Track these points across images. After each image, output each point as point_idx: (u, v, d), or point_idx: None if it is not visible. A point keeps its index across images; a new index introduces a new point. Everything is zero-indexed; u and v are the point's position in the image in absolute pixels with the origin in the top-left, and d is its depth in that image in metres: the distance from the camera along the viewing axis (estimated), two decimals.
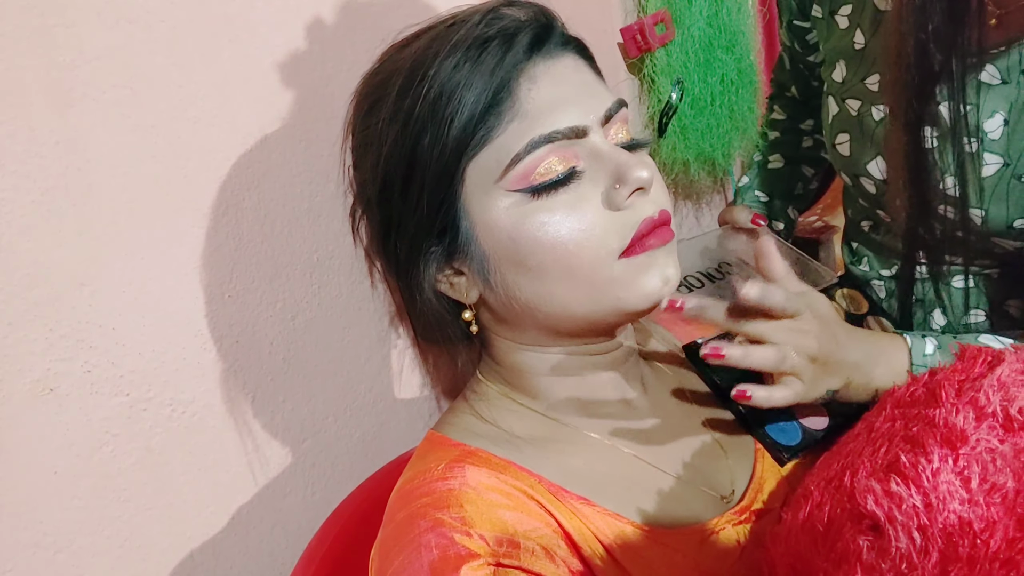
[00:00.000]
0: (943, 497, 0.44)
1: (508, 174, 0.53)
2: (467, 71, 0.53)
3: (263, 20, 0.71)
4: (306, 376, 0.78)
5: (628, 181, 0.53)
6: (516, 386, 0.62)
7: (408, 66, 0.56)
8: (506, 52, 0.53)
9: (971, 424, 0.47)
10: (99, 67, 0.61)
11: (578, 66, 0.58)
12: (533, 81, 0.54)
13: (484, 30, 0.54)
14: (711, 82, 1.16)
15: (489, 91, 0.53)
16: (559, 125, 0.53)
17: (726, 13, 1.15)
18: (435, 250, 0.57)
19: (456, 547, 0.49)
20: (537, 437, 0.59)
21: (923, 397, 0.53)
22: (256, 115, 0.71)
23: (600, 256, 0.54)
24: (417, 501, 0.53)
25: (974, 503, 0.43)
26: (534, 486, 0.55)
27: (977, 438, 0.46)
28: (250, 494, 0.74)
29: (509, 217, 0.54)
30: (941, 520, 0.43)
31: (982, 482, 0.44)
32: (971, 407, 0.48)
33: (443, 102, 0.53)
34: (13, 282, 0.58)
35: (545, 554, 0.51)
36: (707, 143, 1.19)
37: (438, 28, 0.57)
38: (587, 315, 0.56)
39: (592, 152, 0.55)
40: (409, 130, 0.54)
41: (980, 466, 0.45)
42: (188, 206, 0.67)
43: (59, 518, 0.61)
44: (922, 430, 0.48)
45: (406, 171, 0.55)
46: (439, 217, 0.56)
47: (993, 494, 0.43)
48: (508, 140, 0.53)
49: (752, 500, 0.60)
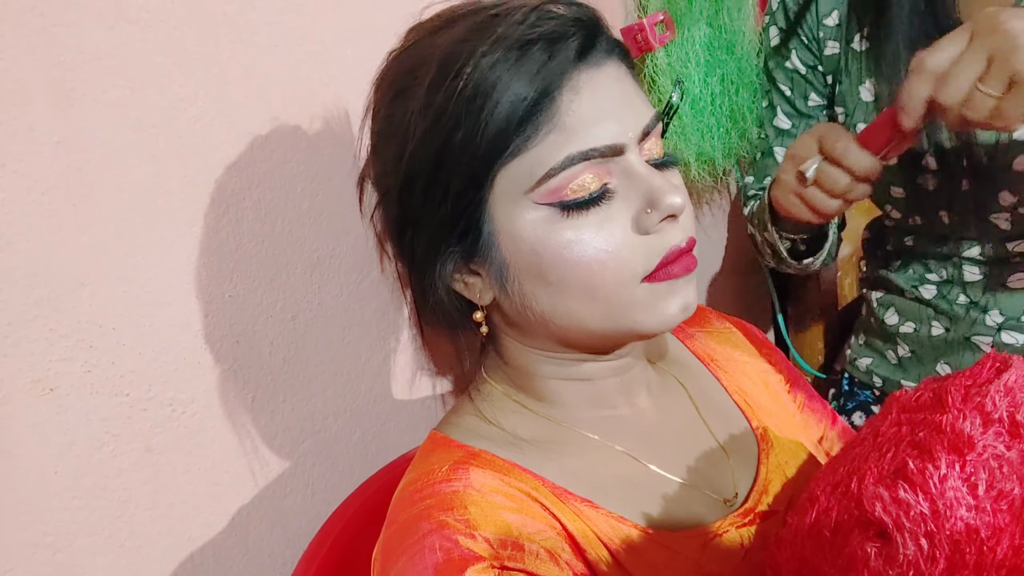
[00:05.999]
0: (950, 504, 0.43)
1: (540, 187, 0.51)
2: (507, 73, 0.50)
3: (263, 20, 0.71)
4: (306, 376, 0.78)
5: (660, 207, 0.52)
6: (522, 387, 0.62)
7: (442, 56, 0.52)
8: (550, 58, 0.50)
9: (978, 430, 0.47)
10: (99, 67, 0.61)
11: (620, 75, 0.55)
12: (576, 92, 0.51)
13: (529, 30, 0.50)
14: (711, 83, 1.16)
15: (529, 98, 0.50)
16: (598, 142, 0.51)
17: (726, 13, 1.15)
18: (453, 250, 0.56)
19: (460, 549, 0.49)
20: (541, 439, 0.59)
21: (929, 402, 0.52)
22: (256, 115, 0.71)
23: (623, 279, 0.53)
24: (421, 503, 0.53)
25: (981, 510, 0.43)
26: (538, 488, 0.55)
27: (984, 444, 0.46)
28: (250, 494, 0.74)
29: (535, 230, 0.52)
30: (948, 527, 0.43)
31: (989, 489, 0.44)
32: (978, 413, 0.48)
33: (478, 103, 0.50)
34: (13, 282, 0.58)
35: (549, 557, 0.51)
36: (707, 143, 1.19)
37: (478, 17, 0.53)
38: (601, 332, 0.55)
39: (626, 171, 0.53)
40: (439, 128, 0.51)
41: (987, 473, 0.45)
42: (188, 206, 0.67)
43: (59, 518, 0.61)
44: (929, 436, 0.48)
45: (432, 170, 0.53)
46: (462, 220, 0.54)
47: (1000, 501, 0.43)
48: (543, 152, 0.51)
49: (756, 503, 0.60)
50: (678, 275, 0.54)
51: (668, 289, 0.54)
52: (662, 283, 0.54)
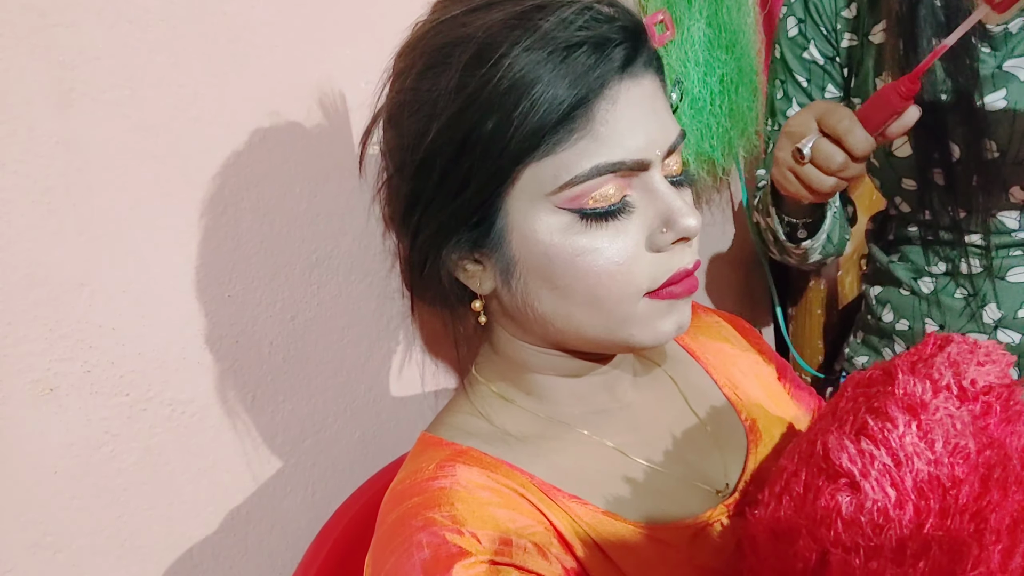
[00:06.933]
0: (910, 456, 0.46)
1: (562, 192, 0.51)
2: (548, 74, 0.49)
3: (263, 20, 0.71)
4: (306, 376, 0.78)
5: (676, 229, 0.52)
6: (512, 380, 0.62)
7: (481, 39, 0.50)
8: (595, 65, 0.50)
9: (928, 394, 0.50)
10: (99, 67, 0.61)
11: (655, 89, 0.55)
12: (613, 102, 0.51)
13: (576, 33, 0.50)
14: (711, 82, 1.16)
15: (567, 103, 0.49)
16: (627, 156, 0.51)
17: (726, 13, 1.15)
18: (461, 238, 0.55)
19: (448, 546, 0.49)
20: (530, 435, 0.59)
21: (880, 378, 0.55)
22: (256, 115, 0.71)
23: (628, 293, 0.53)
24: (408, 501, 0.53)
25: (939, 463, 0.46)
26: (525, 485, 0.55)
27: (936, 405, 0.49)
28: (250, 494, 0.74)
29: (550, 234, 0.52)
30: (911, 476, 0.46)
31: (945, 444, 0.47)
32: (928, 380, 0.51)
33: (513, 98, 0.49)
34: (13, 282, 0.58)
35: (537, 551, 0.51)
36: (707, 143, 1.19)
37: (520, 5, 0.51)
38: (597, 340, 0.56)
39: (647, 186, 0.53)
40: (469, 114, 0.50)
41: (942, 430, 0.48)
42: (188, 206, 0.67)
43: (59, 518, 0.61)
44: (884, 402, 0.51)
45: (454, 155, 0.52)
46: (478, 211, 0.53)
47: (956, 455, 0.46)
48: (572, 158, 0.50)
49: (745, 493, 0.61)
50: (679, 296, 0.55)
51: (668, 308, 0.55)
52: (663, 301, 0.54)
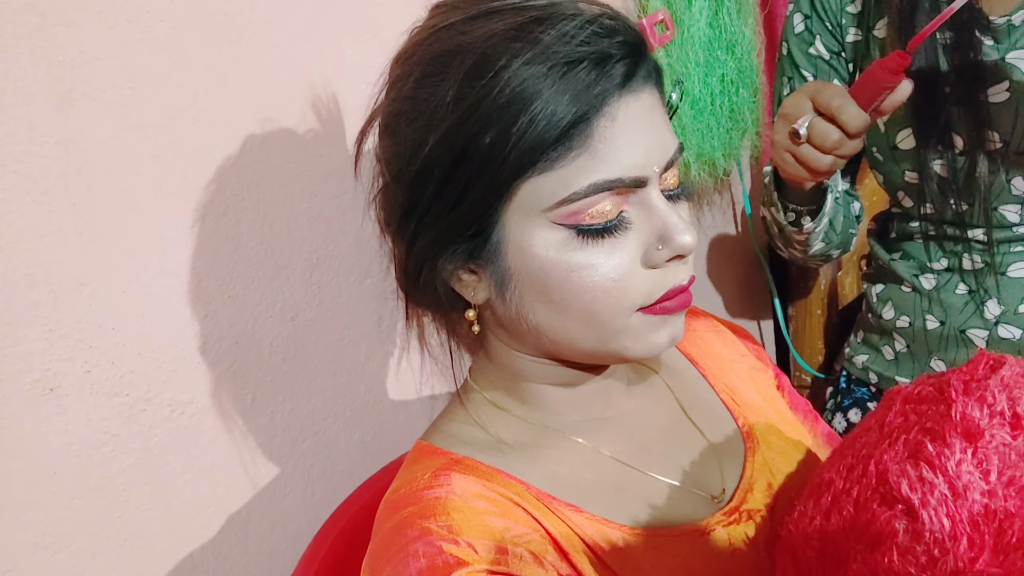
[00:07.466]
0: (967, 486, 0.45)
1: (559, 208, 0.51)
2: (548, 89, 0.49)
3: (263, 20, 0.71)
4: (306, 376, 0.78)
5: (672, 246, 0.52)
6: (506, 389, 0.62)
7: (480, 49, 0.50)
8: (595, 81, 0.50)
9: (985, 420, 0.48)
10: (99, 67, 0.61)
11: (654, 103, 0.55)
12: (612, 119, 0.51)
13: (577, 48, 0.49)
14: (711, 82, 1.16)
15: (567, 120, 0.49)
16: (625, 174, 0.51)
17: (726, 13, 1.15)
18: (456, 249, 0.55)
19: (444, 556, 0.49)
20: (525, 443, 0.59)
21: (932, 395, 0.54)
22: (256, 115, 0.71)
23: (622, 308, 0.53)
24: (404, 510, 0.53)
25: (994, 495, 0.45)
26: (521, 494, 0.55)
27: (991, 433, 0.48)
28: (250, 494, 0.74)
29: (546, 249, 0.52)
30: (967, 508, 0.44)
31: (1000, 475, 0.45)
32: (982, 404, 0.50)
33: (512, 113, 0.49)
34: (13, 282, 0.58)
35: (533, 559, 0.51)
36: (707, 143, 1.19)
37: (520, 17, 0.51)
38: (590, 351, 0.56)
39: (644, 202, 0.53)
40: (467, 126, 0.50)
41: (998, 459, 0.46)
42: (188, 206, 0.67)
43: (59, 518, 0.61)
44: (939, 424, 0.49)
45: (452, 167, 0.52)
46: (474, 224, 0.54)
47: (1010, 487, 0.45)
48: (570, 175, 0.50)
49: (742, 500, 0.60)
50: (673, 310, 0.55)
51: (661, 322, 0.55)
52: (657, 316, 0.55)
